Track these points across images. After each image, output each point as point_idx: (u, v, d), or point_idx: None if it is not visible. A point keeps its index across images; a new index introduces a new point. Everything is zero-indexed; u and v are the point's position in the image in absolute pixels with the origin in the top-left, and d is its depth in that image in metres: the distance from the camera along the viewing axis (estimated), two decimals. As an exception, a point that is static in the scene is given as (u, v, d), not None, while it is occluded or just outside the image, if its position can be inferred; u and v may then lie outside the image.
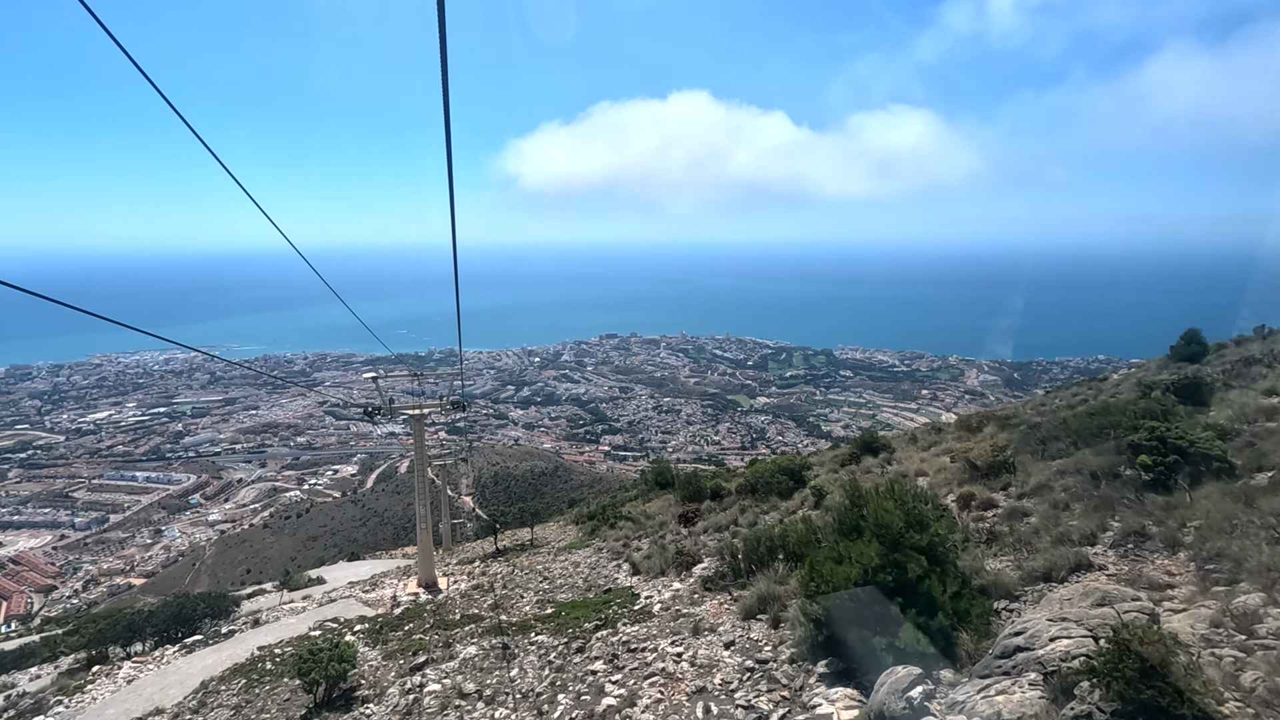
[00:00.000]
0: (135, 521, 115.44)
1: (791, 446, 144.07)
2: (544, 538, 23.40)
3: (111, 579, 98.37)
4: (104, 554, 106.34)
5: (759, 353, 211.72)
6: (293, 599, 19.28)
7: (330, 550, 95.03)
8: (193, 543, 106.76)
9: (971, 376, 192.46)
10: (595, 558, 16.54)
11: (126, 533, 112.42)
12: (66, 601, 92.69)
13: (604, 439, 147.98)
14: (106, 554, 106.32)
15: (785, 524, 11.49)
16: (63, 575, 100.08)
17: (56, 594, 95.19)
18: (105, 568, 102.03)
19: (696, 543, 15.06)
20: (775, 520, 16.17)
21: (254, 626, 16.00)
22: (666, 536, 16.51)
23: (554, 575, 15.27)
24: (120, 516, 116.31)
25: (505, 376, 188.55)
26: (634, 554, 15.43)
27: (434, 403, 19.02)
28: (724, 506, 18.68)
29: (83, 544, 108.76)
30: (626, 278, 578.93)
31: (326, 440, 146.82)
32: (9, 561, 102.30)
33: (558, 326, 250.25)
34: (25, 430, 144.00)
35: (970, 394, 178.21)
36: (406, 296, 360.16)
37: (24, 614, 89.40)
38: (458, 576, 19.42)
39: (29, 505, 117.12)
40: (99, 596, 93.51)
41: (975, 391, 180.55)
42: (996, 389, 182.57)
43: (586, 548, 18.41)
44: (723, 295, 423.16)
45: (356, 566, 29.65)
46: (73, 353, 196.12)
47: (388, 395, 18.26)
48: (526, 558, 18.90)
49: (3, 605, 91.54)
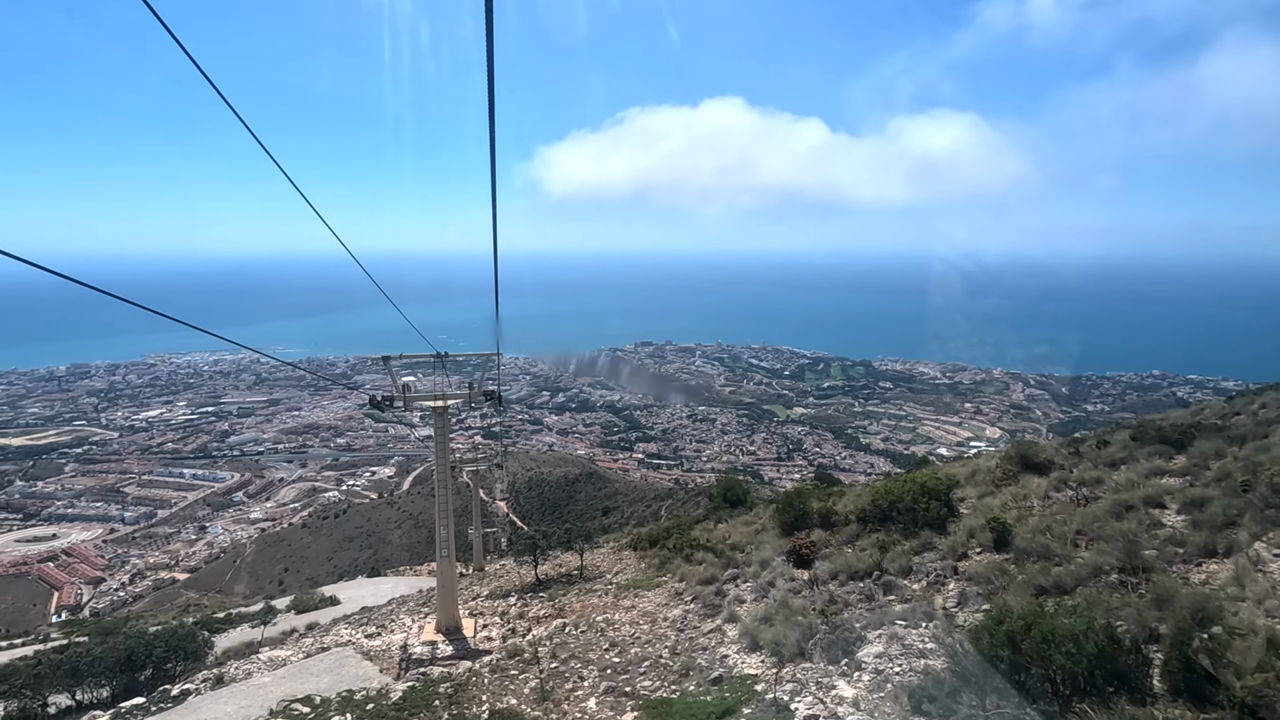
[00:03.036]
0: (181, 517, 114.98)
1: (829, 459, 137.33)
2: (595, 566, 18.61)
3: (157, 573, 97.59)
4: (150, 548, 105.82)
5: (796, 362, 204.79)
6: (278, 644, 14.88)
7: (365, 552, 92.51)
8: (234, 540, 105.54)
9: (1017, 390, 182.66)
10: (678, 609, 11.63)
11: (172, 528, 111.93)
12: (114, 594, 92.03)
13: (638, 447, 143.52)
14: (153, 549, 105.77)
15: (1071, 609, 6.41)
16: (111, 568, 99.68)
17: (104, 586, 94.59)
18: (151, 562, 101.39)
19: (832, 598, 10.07)
20: (943, 567, 11.02)
21: (214, 687, 11.56)
22: (777, 582, 11.52)
23: (623, 637, 10.42)
24: (167, 512, 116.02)
25: (540, 382, 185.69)
26: (739, 610, 10.51)
27: (459, 393, 14.55)
28: (844, 539, 13.60)
29: (131, 538, 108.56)
30: (660, 287, 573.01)
31: (365, 442, 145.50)
32: (62, 553, 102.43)
33: (592, 334, 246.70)
34: (83, 426, 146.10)
35: (1016, 408, 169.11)
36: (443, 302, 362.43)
37: (73, 604, 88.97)
38: (488, 618, 14.82)
39: (83, 499, 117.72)
40: (144, 590, 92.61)
41: (1021, 406, 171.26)
42: (1044, 404, 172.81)
43: (657, 588, 13.55)
44: (759, 304, 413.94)
45: (376, 584, 25.48)
46: (129, 353, 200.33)
47: (404, 383, 13.89)
48: (578, 598, 14.14)
49: (54, 596, 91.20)
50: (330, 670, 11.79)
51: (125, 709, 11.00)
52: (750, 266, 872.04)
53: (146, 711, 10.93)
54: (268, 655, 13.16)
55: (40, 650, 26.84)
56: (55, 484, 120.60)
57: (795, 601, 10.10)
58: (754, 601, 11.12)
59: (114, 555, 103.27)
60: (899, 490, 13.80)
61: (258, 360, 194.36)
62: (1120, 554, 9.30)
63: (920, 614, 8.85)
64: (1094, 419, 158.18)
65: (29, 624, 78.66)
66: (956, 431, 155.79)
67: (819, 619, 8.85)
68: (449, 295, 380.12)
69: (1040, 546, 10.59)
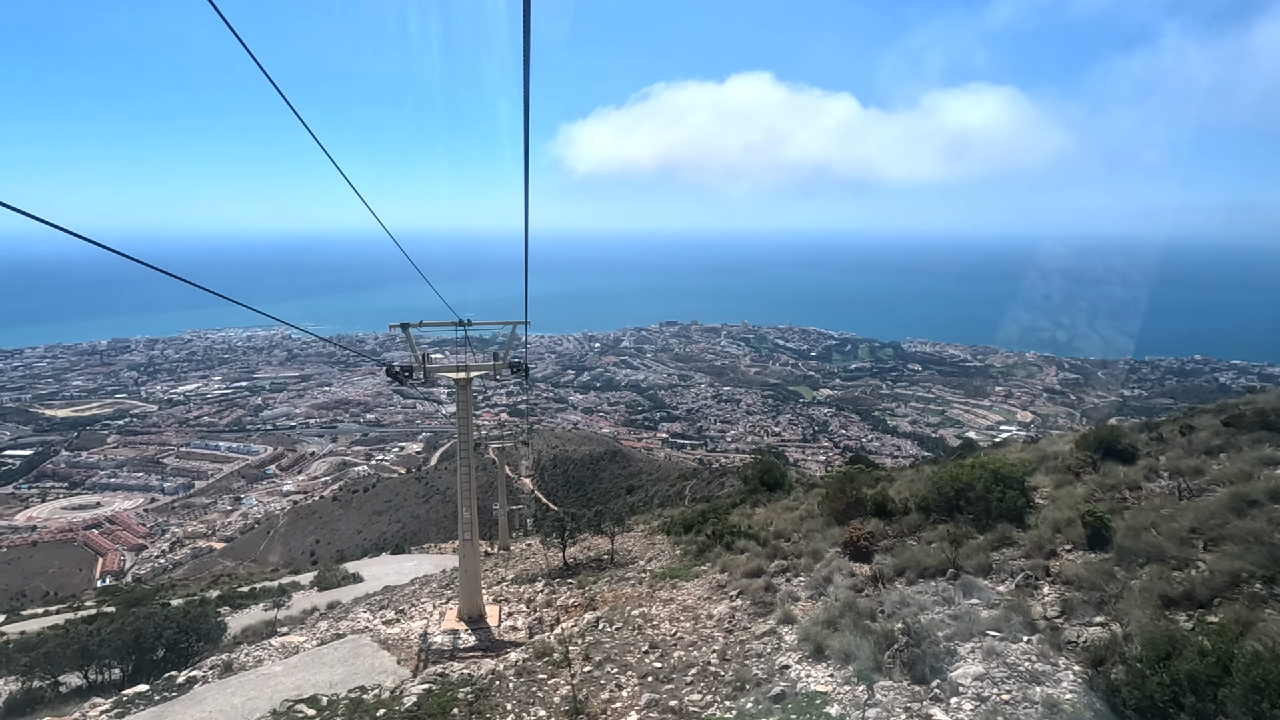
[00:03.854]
0: (217, 489, 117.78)
1: (855, 441, 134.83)
2: (625, 550, 17.46)
3: (195, 542, 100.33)
4: (189, 518, 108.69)
5: (823, 344, 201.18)
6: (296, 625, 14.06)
7: (394, 525, 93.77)
8: (268, 511, 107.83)
9: (1050, 374, 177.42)
10: (722, 604, 10.38)
11: (209, 499, 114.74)
12: (154, 561, 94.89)
13: (662, 426, 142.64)
14: (191, 518, 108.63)
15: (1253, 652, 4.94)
16: (152, 536, 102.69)
17: (146, 553, 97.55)
18: (189, 531, 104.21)
19: (903, 599, 8.72)
20: (1031, 566, 9.56)
21: (222, 675, 10.73)
22: (835, 578, 10.19)
23: (664, 637, 9.20)
24: (204, 483, 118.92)
25: (566, 361, 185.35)
26: (794, 610, 9.21)
27: (483, 364, 13.36)
28: (904, 530, 12.21)
29: (170, 507, 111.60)
30: (686, 266, 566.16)
31: (394, 418, 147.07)
32: (106, 521, 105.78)
33: (617, 313, 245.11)
34: (123, 399, 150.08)
35: (1049, 392, 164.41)
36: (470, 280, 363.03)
37: (117, 570, 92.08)
38: (513, 605, 13.82)
39: (124, 469, 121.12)
40: (183, 558, 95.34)
41: (1054, 390, 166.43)
42: (1078, 388, 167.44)
43: (696, 578, 12.34)
44: (786, 285, 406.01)
45: (400, 562, 24.88)
46: (166, 328, 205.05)
47: (425, 354, 12.76)
48: (609, 586, 13.00)
49: (99, 561, 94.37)
50: (345, 660, 10.88)
51: (128, 697, 10.21)
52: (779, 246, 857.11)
53: (149, 700, 10.12)
54: (280, 641, 12.31)
55: (70, 620, 26.98)
56: (99, 454, 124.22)
57: (861, 602, 8.77)
58: (809, 600, 9.81)
59: (154, 524, 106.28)
60: (968, 477, 12.30)
61: (289, 336, 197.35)
62: (1263, 559, 7.78)
63: (1018, 625, 7.47)
64: (1131, 404, 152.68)
65: (75, 587, 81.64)
66: (987, 415, 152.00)
67: (895, 625, 7.52)
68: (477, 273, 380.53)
69: (1149, 547, 9.07)
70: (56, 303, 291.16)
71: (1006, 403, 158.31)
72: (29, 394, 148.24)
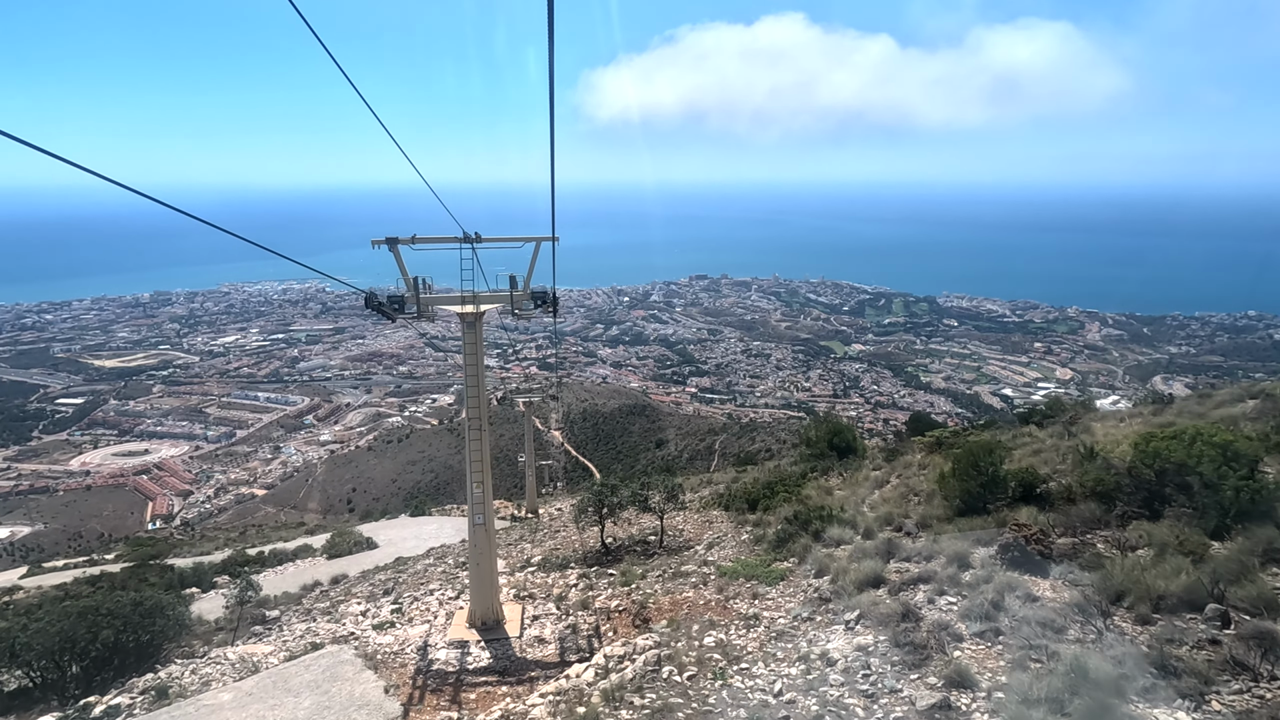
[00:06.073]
0: (257, 437, 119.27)
1: (886, 397, 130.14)
2: (677, 529, 14.18)
3: (238, 488, 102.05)
4: (232, 465, 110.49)
5: (856, 298, 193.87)
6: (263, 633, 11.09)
7: (427, 475, 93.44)
8: (306, 460, 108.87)
9: (1093, 330, 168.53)
10: (839, 635, 6.98)
11: (250, 447, 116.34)
12: (200, 506, 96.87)
13: (691, 381, 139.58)
14: (234, 465, 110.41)
15: None
16: (198, 482, 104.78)
17: (192, 499, 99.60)
18: (233, 478, 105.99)
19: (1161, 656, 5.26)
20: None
21: (153, 704, 7.89)
22: (1007, 602, 6.73)
23: (763, 696, 5.85)
24: (245, 432, 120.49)
25: (595, 315, 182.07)
26: (965, 660, 5.81)
27: (497, 293, 9.77)
28: (1073, 522, 8.60)
29: (214, 455, 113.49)
30: (715, 218, 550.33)
31: (426, 370, 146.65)
32: (154, 467, 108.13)
33: (646, 266, 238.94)
34: (167, 350, 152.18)
35: (1091, 349, 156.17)
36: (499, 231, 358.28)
37: (166, 514, 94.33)
38: (539, 602, 10.76)
39: (169, 418, 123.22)
40: (227, 503, 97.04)
41: (1097, 347, 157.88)
42: (1122, 344, 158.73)
43: (782, 582, 9.05)
44: (818, 237, 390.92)
45: (420, 525, 22.36)
46: (204, 281, 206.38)
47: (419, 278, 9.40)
48: (662, 584, 9.74)
49: (149, 505, 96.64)
50: (315, 685, 8.00)
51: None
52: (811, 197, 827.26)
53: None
54: (239, 652, 9.45)
55: (79, 578, 25.30)
56: (145, 403, 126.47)
57: (1092, 662, 5.31)
58: (981, 641, 6.37)
59: (199, 471, 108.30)
60: (1176, 452, 8.52)
61: (323, 289, 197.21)
62: None
63: None
64: (1177, 362, 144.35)
65: (129, 529, 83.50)
66: (1024, 372, 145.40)
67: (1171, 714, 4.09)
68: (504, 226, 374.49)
69: None
70: (96, 256, 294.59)
71: (1045, 359, 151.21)
72: (78, 344, 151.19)
